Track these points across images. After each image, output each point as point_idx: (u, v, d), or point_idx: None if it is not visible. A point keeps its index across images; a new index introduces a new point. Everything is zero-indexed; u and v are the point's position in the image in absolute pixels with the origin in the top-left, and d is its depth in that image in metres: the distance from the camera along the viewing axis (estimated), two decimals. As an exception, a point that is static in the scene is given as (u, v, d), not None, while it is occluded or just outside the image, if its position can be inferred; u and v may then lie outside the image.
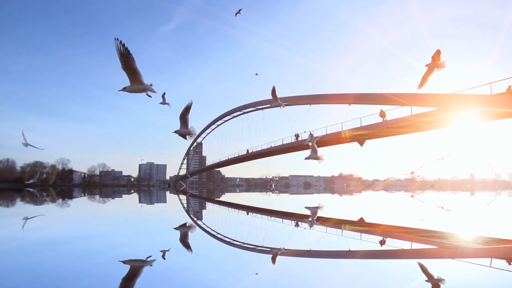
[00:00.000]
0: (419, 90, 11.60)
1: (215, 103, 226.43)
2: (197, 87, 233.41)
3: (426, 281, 3.26)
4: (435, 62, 12.81)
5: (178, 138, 9.89)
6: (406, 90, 25.47)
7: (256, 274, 3.52)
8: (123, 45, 7.07)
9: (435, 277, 3.37)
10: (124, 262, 3.96)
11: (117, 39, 6.98)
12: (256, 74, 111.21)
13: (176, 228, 7.03)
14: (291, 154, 49.31)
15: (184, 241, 5.51)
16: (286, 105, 40.95)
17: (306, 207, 14.36)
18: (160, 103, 10.88)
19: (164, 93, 10.91)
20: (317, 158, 15.48)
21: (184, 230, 6.87)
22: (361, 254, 4.58)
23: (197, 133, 9.40)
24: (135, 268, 3.72)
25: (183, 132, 9.71)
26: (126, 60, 7.44)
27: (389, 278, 3.48)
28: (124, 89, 8.27)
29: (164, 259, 4.15)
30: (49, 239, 5.62)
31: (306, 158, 15.53)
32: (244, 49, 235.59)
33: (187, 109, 9.51)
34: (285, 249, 4.75)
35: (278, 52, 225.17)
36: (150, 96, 8.74)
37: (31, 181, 51.50)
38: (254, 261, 4.26)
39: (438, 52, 12.58)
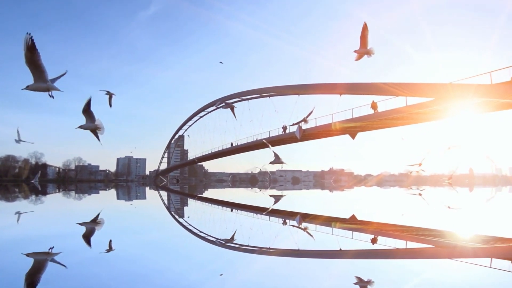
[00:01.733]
0: (413, 79, 11.78)
1: (197, 93, 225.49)
2: (178, 76, 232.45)
3: (355, 283, 3.27)
4: (364, 47, 13.92)
5: (159, 130, 10.07)
6: (400, 80, 25.69)
7: (221, 275, 3.48)
8: (32, 39, 7.37)
9: (365, 280, 3.36)
10: (27, 255, 4.10)
11: (29, 33, 7.34)
12: (221, 62, 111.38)
13: (81, 224, 7.10)
14: (278, 147, 49.44)
15: (86, 236, 5.60)
16: (272, 95, 41.15)
17: (270, 195, 14.43)
18: (101, 90, 11.25)
19: (108, 92, 11.33)
20: (280, 162, 16.85)
21: (90, 225, 7.00)
22: (353, 254, 4.58)
23: (104, 126, 9.30)
24: (39, 261, 3.81)
25: (90, 126, 9.89)
26: (32, 55, 7.59)
27: (383, 279, 3.47)
28: (27, 87, 8.33)
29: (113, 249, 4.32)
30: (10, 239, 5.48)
31: (271, 163, 17.19)
32: (228, 36, 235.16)
33: (88, 104, 9.70)
34: (272, 248, 4.73)
35: (264, 39, 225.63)
36: (53, 97, 8.93)
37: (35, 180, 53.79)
38: (238, 261, 4.24)
39: (364, 27, 13.77)
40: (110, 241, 5.11)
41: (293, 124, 31.55)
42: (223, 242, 5.27)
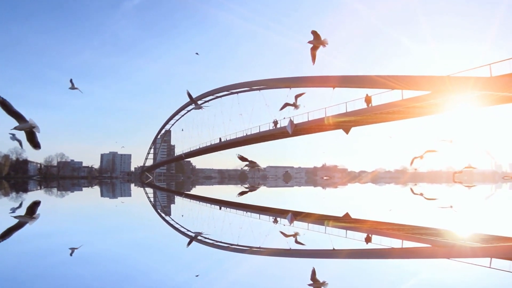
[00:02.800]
0: (409, 72, 11.90)
1: (184, 86, 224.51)
2: (164, 68, 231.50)
3: (309, 285, 3.25)
4: (317, 39, 14.79)
5: (145, 124, 10.39)
6: (396, 72, 25.70)
7: (197, 276, 3.43)
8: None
9: (321, 281, 3.35)
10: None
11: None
12: (197, 53, 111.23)
13: (16, 217, 7.27)
14: (269, 143, 49.64)
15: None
16: (262, 89, 41.01)
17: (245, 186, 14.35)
18: (70, 88, 12.19)
19: (71, 79, 12.19)
20: (254, 166, 17.21)
21: (24, 219, 7.13)
22: (347, 254, 4.56)
23: (37, 125, 9.88)
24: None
25: (25, 126, 10.58)
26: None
27: (378, 280, 3.46)
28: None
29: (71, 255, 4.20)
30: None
31: (246, 166, 17.65)
32: (217, 26, 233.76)
33: (6, 106, 10.29)
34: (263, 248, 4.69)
35: (255, 30, 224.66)
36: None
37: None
38: (226, 261, 4.21)
39: (314, 32, 14.86)
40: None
41: (283, 107, 30.87)
42: (211, 241, 5.22)
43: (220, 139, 56.74)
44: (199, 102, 63.47)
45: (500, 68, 19.77)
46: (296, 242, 5.19)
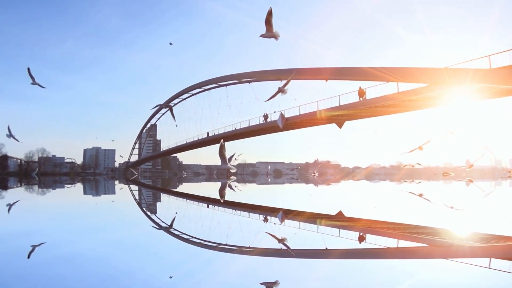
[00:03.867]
0: (406, 63, 11.93)
1: (171, 79, 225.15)
2: (149, 60, 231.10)
3: (261, 283, 3.26)
4: (269, 31, 15.72)
5: (129, 119, 10.02)
6: (392, 64, 25.84)
7: (171, 277, 3.40)
8: None
9: (273, 281, 3.35)
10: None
11: None
12: (170, 43, 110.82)
13: None
14: (259, 137, 49.66)
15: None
16: (251, 81, 40.91)
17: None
18: (31, 83, 12.21)
19: (29, 68, 12.13)
20: (227, 168, 17.86)
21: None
22: (340, 253, 4.56)
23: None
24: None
25: None
26: None
27: (372, 281, 3.46)
28: None
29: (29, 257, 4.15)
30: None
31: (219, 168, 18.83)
32: (204, 16, 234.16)
33: None
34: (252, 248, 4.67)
35: (244, 20, 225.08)
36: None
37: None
38: (214, 260, 4.20)
39: (269, 12, 15.51)
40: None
41: (272, 97, 30.03)
42: (198, 240, 5.19)
43: (208, 133, 56.75)
44: (185, 95, 63.60)
45: (500, 59, 19.89)
46: (282, 243, 5.17)
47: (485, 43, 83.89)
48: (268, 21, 17.19)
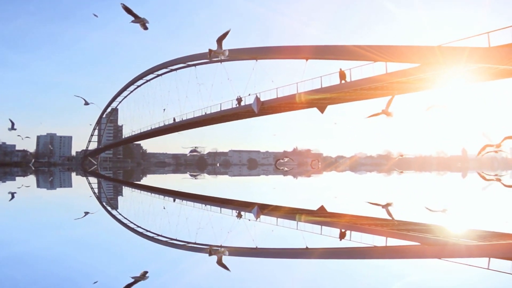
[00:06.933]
0: (395, 42, 12.00)
1: (134, 58, 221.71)
2: (109, 37, 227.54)
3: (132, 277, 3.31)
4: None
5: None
6: (379, 42, 25.92)
7: (95, 282, 3.34)
8: None
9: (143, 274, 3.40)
10: None
11: None
12: (95, 15, 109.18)
13: None
14: (231, 123, 49.46)
15: None
16: (223, 60, 40.72)
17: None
18: None
19: None
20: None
21: None
22: (321, 253, 4.58)
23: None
24: None
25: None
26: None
27: (358, 283, 3.47)
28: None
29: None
30: None
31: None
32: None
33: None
34: (225, 247, 4.64)
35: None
36: None
37: None
38: (182, 260, 4.21)
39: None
40: None
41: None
42: (164, 238, 5.14)
43: (174, 118, 56.28)
44: (151, 75, 63.04)
45: (499, 37, 20.05)
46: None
47: (483, 18, 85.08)
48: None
